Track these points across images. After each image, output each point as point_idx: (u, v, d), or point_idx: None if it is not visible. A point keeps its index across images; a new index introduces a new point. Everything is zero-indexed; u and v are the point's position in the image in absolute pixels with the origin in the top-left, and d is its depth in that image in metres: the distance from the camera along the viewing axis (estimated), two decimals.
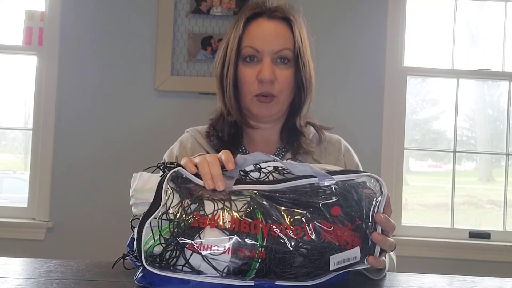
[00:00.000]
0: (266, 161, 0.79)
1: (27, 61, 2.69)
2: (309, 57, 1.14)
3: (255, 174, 0.78)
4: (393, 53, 2.55)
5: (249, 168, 0.79)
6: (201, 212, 0.69)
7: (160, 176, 0.73)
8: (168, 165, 0.76)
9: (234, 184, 0.75)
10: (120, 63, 2.56)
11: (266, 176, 0.78)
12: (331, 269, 0.73)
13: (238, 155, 0.78)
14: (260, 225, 0.70)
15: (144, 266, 0.68)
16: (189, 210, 0.69)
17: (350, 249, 0.74)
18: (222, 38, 1.20)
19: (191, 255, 0.68)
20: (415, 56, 2.68)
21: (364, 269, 0.79)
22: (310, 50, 1.15)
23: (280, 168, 0.79)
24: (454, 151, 2.67)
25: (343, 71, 2.55)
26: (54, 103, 2.55)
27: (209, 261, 0.68)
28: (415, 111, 2.94)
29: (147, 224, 0.68)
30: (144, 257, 0.67)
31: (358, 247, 0.74)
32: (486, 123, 2.93)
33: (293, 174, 0.78)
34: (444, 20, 2.71)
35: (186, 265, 0.69)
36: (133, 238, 0.70)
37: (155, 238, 0.68)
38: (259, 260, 0.69)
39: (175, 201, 0.70)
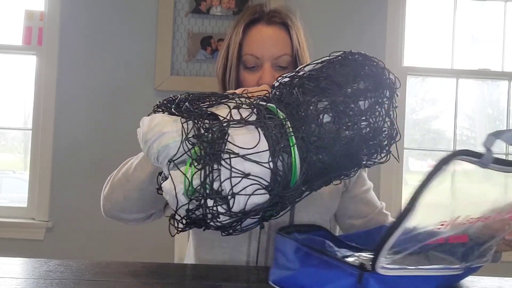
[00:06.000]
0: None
1: (26, 61, 2.69)
2: (307, 58, 1.16)
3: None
4: (393, 53, 2.55)
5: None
6: (217, 122, 0.68)
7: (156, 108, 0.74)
8: (165, 103, 0.76)
9: None
10: (120, 63, 2.56)
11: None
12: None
13: None
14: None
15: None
16: (206, 126, 0.68)
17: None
18: (222, 38, 1.22)
19: (230, 170, 0.65)
20: (415, 55, 2.68)
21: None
22: (308, 52, 1.17)
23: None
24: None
25: None
26: (53, 103, 2.55)
27: (251, 159, 0.65)
28: (414, 111, 2.94)
29: (171, 166, 0.66)
30: (188, 196, 0.66)
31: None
32: (485, 122, 2.93)
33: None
34: (444, 19, 2.71)
35: (230, 192, 0.65)
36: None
37: (189, 172, 0.65)
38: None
39: (189, 125, 0.68)
